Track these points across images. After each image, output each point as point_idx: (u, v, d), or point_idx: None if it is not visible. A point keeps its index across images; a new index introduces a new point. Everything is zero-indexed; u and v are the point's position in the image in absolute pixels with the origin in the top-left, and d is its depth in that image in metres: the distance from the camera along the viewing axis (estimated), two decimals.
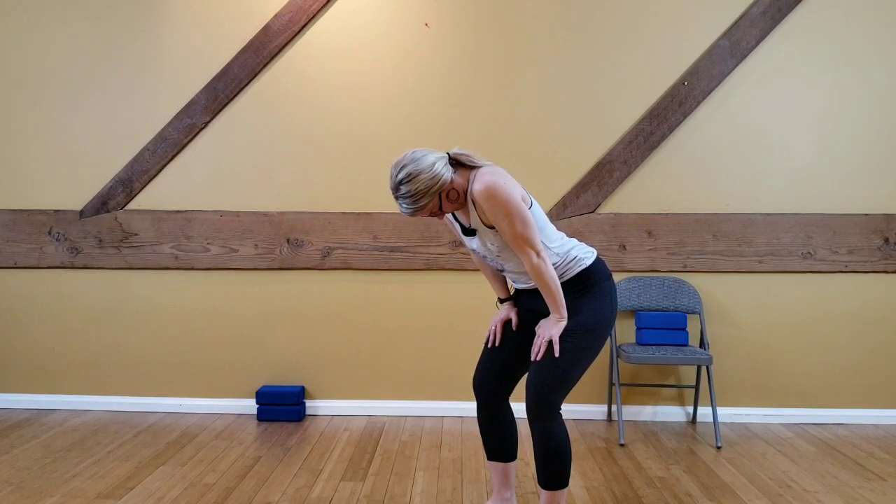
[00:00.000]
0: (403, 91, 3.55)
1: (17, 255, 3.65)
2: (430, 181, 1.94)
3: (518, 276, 2.17)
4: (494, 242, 2.07)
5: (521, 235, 1.98)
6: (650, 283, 3.55)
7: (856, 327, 3.55)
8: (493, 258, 2.15)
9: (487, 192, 1.95)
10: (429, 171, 1.94)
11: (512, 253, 2.08)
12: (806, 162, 3.52)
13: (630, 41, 3.51)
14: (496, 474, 2.31)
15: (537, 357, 2.05)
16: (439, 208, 2.02)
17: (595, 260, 2.15)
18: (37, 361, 3.70)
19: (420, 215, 2.02)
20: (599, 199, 3.55)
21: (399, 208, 2.01)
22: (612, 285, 2.16)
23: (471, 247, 2.20)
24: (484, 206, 1.98)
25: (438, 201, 2.00)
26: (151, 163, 3.59)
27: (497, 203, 1.95)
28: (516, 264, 2.12)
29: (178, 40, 3.57)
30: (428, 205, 1.98)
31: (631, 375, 3.62)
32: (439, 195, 1.99)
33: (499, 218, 1.97)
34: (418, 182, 1.94)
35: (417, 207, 1.97)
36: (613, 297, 2.15)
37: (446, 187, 1.99)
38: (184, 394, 3.68)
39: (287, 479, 2.78)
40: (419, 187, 1.94)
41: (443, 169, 1.97)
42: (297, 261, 3.60)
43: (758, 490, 2.70)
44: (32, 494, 2.59)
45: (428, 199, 1.96)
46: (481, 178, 1.98)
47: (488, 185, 1.95)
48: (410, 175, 1.94)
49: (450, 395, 3.62)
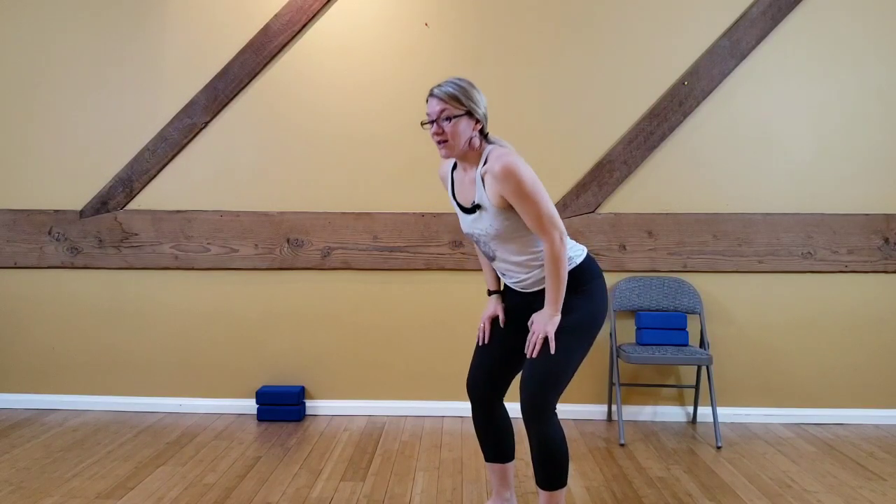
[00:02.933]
0: (403, 91, 3.55)
1: (17, 255, 3.65)
2: (475, 95, 2.01)
3: (508, 268, 2.14)
4: (494, 224, 2.04)
5: (547, 215, 1.97)
6: (650, 283, 3.55)
7: (856, 327, 3.55)
8: (486, 242, 2.12)
9: (507, 171, 1.93)
10: (478, 93, 2.03)
11: (506, 240, 2.06)
12: (806, 162, 3.52)
13: (630, 41, 3.51)
14: (495, 475, 2.31)
15: (533, 354, 2.04)
16: (453, 135, 1.99)
17: (586, 258, 2.13)
18: (37, 361, 3.70)
19: (441, 114, 1.99)
20: (599, 199, 3.54)
21: (428, 97, 2.02)
22: (603, 283, 2.15)
23: (465, 229, 2.17)
24: (503, 186, 1.95)
25: (463, 126, 1.99)
26: (151, 163, 3.59)
27: (520, 182, 1.93)
28: (507, 252, 2.09)
29: (178, 40, 3.57)
30: (456, 114, 1.98)
31: (631, 375, 3.62)
32: (467, 121, 1.99)
33: (521, 197, 1.95)
34: (466, 89, 2.01)
35: (449, 95, 1.98)
36: (604, 295, 2.14)
37: (475, 125, 2.01)
38: (184, 394, 3.68)
39: (287, 479, 2.78)
40: (464, 91, 2.00)
41: (484, 110, 2.04)
42: (297, 261, 3.60)
43: (758, 490, 2.70)
44: (32, 494, 2.59)
45: (462, 106, 1.98)
46: (499, 158, 1.96)
47: (508, 164, 1.93)
48: (463, 82, 2.02)
49: (450, 395, 3.62)
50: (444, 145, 2.02)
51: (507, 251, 2.09)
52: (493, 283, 2.32)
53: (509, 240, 2.07)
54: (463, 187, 2.13)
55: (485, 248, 2.16)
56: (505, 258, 2.12)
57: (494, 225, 2.05)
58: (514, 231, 2.05)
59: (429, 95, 2.03)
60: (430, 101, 2.02)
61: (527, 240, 2.07)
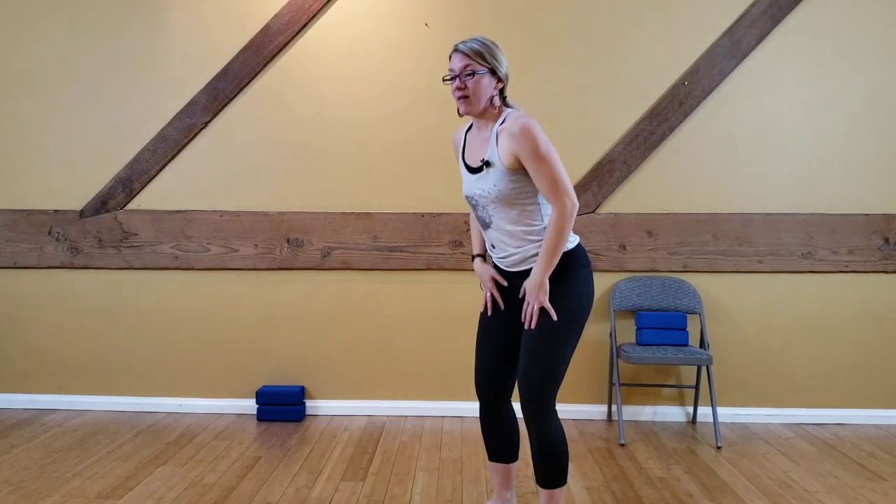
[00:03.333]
0: (403, 91, 3.55)
1: (17, 255, 3.65)
2: (498, 54, 2.06)
3: (500, 239, 2.12)
4: (498, 185, 2.03)
5: (559, 178, 1.97)
6: (650, 283, 3.55)
7: (856, 327, 3.55)
8: (484, 206, 2.10)
9: (525, 130, 1.96)
10: (502, 54, 2.07)
11: (506, 204, 2.05)
12: (806, 162, 3.52)
13: (630, 41, 3.51)
14: (497, 475, 2.31)
15: (532, 325, 2.02)
16: (475, 91, 2.03)
17: (577, 246, 2.12)
18: (37, 361, 3.70)
19: (464, 69, 2.03)
20: (599, 199, 3.54)
21: (452, 53, 2.07)
22: (590, 274, 2.13)
23: (466, 190, 2.16)
24: (519, 145, 1.96)
25: (485, 83, 2.03)
26: (151, 163, 3.59)
27: (536, 143, 1.95)
28: (504, 220, 2.08)
29: (178, 40, 3.57)
30: (479, 70, 2.02)
31: (631, 375, 3.62)
32: (489, 78, 2.03)
33: (537, 159, 1.96)
34: (491, 47, 2.06)
35: (474, 51, 2.03)
36: (591, 286, 2.12)
37: (496, 83, 2.06)
38: (184, 394, 3.68)
39: (287, 479, 2.78)
40: (489, 48, 2.05)
41: (507, 70, 2.08)
42: (297, 261, 3.60)
43: (758, 490, 2.69)
44: (32, 494, 2.59)
45: (486, 63, 2.03)
46: (518, 119, 2.00)
47: (527, 124, 1.97)
48: (488, 41, 2.07)
49: (450, 395, 3.62)
50: (464, 101, 2.06)
51: (504, 219, 2.08)
52: (478, 247, 2.32)
53: (509, 205, 2.05)
54: (475, 146, 2.14)
55: (482, 213, 2.14)
56: (500, 226, 2.10)
57: (498, 185, 2.03)
58: (516, 196, 2.04)
59: (453, 51, 2.07)
60: (454, 57, 2.06)
61: (527, 209, 2.05)
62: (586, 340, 3.58)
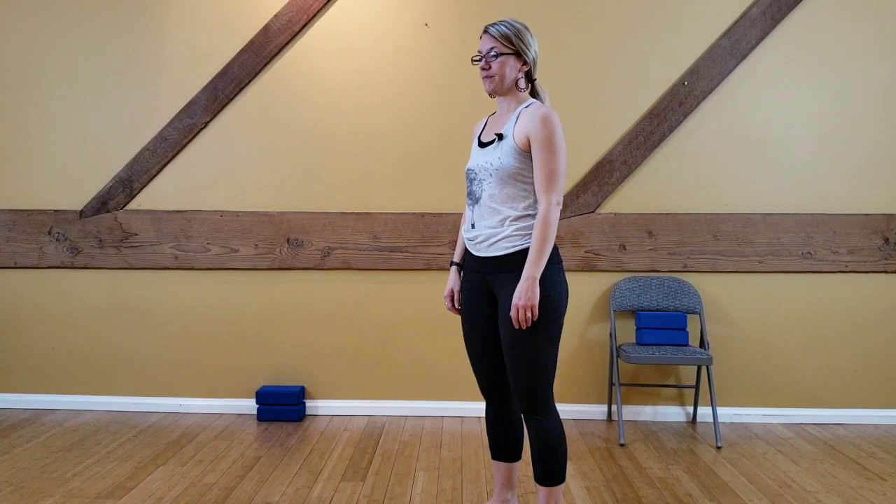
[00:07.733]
0: (403, 91, 3.55)
1: (17, 255, 3.65)
2: (527, 38, 2.12)
3: (483, 216, 2.11)
4: (503, 158, 2.06)
5: (558, 173, 2.02)
6: (650, 283, 3.55)
7: (856, 327, 3.55)
8: (482, 179, 2.11)
9: (547, 117, 2.02)
10: (532, 38, 2.14)
11: (503, 180, 2.06)
12: (806, 162, 3.52)
13: (630, 41, 3.51)
14: (499, 474, 2.31)
15: (523, 326, 1.99)
16: (499, 73, 2.09)
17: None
18: (37, 361, 3.70)
19: (490, 50, 2.10)
20: (599, 199, 3.55)
21: (482, 34, 2.14)
22: (562, 269, 2.12)
23: (471, 163, 2.19)
24: (536, 128, 2.01)
25: (510, 65, 2.09)
26: (151, 163, 3.59)
27: (553, 132, 2.01)
28: (495, 198, 2.08)
29: (178, 40, 3.57)
30: (504, 52, 2.08)
31: (631, 375, 3.62)
32: (514, 61, 2.10)
33: (545, 146, 2.00)
34: (520, 30, 2.11)
35: (501, 34, 2.09)
36: (563, 280, 2.11)
37: (521, 66, 2.12)
38: (184, 394, 3.68)
39: (287, 479, 2.78)
40: (517, 31, 2.10)
41: (535, 55, 2.15)
42: (297, 261, 3.61)
43: (758, 490, 2.70)
44: (32, 494, 2.59)
45: (511, 46, 2.09)
46: (543, 107, 2.07)
47: (550, 114, 2.03)
48: (518, 24, 2.13)
49: (450, 395, 3.62)
50: (488, 80, 2.13)
51: (495, 196, 2.08)
52: (458, 256, 2.34)
53: (506, 182, 2.06)
54: (494, 126, 2.18)
55: (476, 188, 2.15)
56: (489, 203, 2.10)
57: (503, 159, 2.06)
58: (515, 176, 2.06)
59: (483, 32, 2.15)
60: (483, 38, 2.14)
61: (520, 192, 2.07)
62: (586, 340, 3.58)
